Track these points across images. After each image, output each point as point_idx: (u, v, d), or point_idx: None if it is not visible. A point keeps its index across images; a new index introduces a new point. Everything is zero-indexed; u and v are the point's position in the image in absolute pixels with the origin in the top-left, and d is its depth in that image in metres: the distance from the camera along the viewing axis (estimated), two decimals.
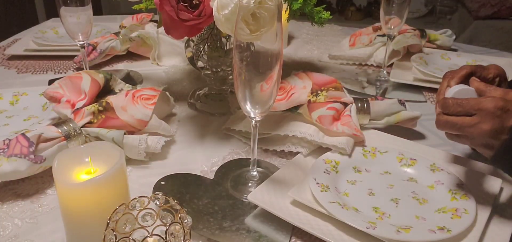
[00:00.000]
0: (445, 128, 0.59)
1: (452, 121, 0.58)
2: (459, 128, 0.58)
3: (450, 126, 0.58)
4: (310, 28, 1.52)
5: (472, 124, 0.56)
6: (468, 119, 0.57)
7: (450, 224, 0.57)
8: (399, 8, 0.99)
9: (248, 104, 0.60)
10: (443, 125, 0.59)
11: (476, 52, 1.27)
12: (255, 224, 0.61)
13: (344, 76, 1.12)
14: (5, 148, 0.67)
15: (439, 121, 0.59)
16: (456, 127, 0.58)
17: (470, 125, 0.56)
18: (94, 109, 0.74)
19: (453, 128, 0.58)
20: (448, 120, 0.58)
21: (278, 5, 0.55)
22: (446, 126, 0.59)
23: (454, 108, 0.58)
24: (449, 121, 0.58)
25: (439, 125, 0.60)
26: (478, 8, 2.66)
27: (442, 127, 0.59)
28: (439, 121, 0.59)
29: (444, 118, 0.59)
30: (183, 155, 0.78)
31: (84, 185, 0.52)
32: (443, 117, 0.59)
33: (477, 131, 0.56)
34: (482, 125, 0.56)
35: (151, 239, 0.46)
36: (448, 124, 0.58)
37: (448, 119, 0.58)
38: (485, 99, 0.56)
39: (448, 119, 0.58)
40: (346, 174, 0.69)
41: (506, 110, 0.55)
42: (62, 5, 0.88)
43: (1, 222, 0.62)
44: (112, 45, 1.16)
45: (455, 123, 0.57)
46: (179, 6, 0.70)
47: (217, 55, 0.87)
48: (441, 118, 0.59)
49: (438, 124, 0.60)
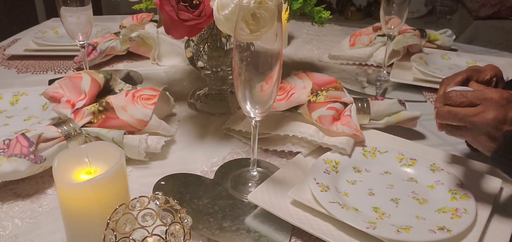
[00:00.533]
0: (447, 118, 0.58)
1: (455, 111, 0.57)
2: (461, 118, 0.57)
3: (452, 116, 0.58)
4: (310, 28, 1.52)
5: (476, 113, 0.56)
6: (472, 109, 0.56)
7: (450, 224, 0.57)
8: (399, 8, 0.99)
9: (248, 104, 0.60)
10: (445, 116, 0.58)
11: (476, 52, 1.27)
12: (255, 224, 0.61)
13: (344, 76, 1.12)
14: (5, 148, 0.67)
15: (440, 112, 0.59)
16: (458, 117, 0.57)
17: (473, 114, 0.56)
18: (94, 109, 0.74)
19: (454, 118, 0.58)
20: (451, 110, 0.58)
21: (278, 5, 0.55)
22: (449, 116, 0.58)
23: (458, 99, 0.58)
24: (451, 111, 0.58)
25: (440, 116, 0.59)
26: (478, 8, 2.66)
27: (443, 118, 0.59)
28: (441, 111, 0.59)
29: (446, 109, 0.58)
30: (183, 155, 0.78)
31: (84, 185, 0.52)
32: (445, 107, 0.58)
33: (480, 120, 0.56)
34: (485, 114, 0.55)
35: (151, 239, 0.46)
36: (451, 114, 0.58)
37: (451, 109, 0.58)
38: (490, 90, 0.57)
39: (451, 110, 0.58)
40: (346, 174, 0.69)
41: (510, 101, 0.55)
42: (62, 5, 0.88)
43: (1, 222, 0.62)
44: (112, 45, 1.16)
45: (458, 113, 0.57)
46: (179, 6, 0.70)
47: (217, 55, 0.87)
48: (442, 109, 0.59)
49: (439, 115, 0.59)
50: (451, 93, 0.59)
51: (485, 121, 0.56)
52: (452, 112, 0.58)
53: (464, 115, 0.57)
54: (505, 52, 1.32)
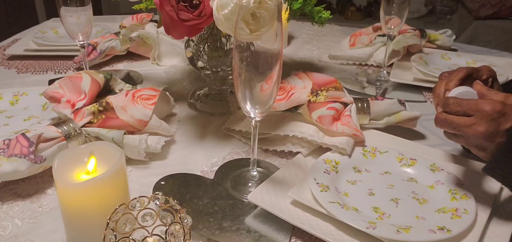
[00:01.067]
0: (443, 125, 0.60)
1: (450, 119, 0.59)
2: (456, 127, 0.58)
3: (447, 124, 0.59)
4: (310, 28, 1.52)
5: (468, 124, 0.57)
6: (465, 120, 0.57)
7: (450, 224, 0.57)
8: (399, 8, 0.99)
9: (248, 104, 0.60)
10: (442, 123, 0.60)
11: (476, 52, 1.27)
12: (255, 224, 0.61)
13: (344, 76, 1.12)
14: (5, 148, 0.67)
15: (438, 118, 0.60)
16: (452, 125, 0.59)
17: (466, 125, 0.57)
18: (94, 109, 0.74)
19: (450, 127, 0.59)
20: (447, 118, 0.59)
21: (278, 5, 0.55)
22: (444, 124, 0.60)
23: (454, 107, 0.59)
24: (447, 119, 0.59)
25: (437, 122, 0.61)
26: (478, 8, 2.66)
27: (440, 125, 0.60)
28: (438, 118, 0.60)
29: (443, 116, 0.60)
30: (183, 155, 0.78)
31: (84, 185, 0.52)
32: (442, 115, 0.60)
33: (472, 132, 0.57)
34: (477, 126, 0.56)
35: (151, 239, 0.46)
36: (446, 122, 0.59)
37: (447, 117, 0.59)
38: (484, 102, 0.57)
39: (447, 118, 0.59)
40: (346, 174, 0.69)
41: (503, 114, 0.56)
42: (62, 5, 0.88)
43: (1, 222, 0.62)
44: (112, 45, 1.16)
45: (452, 122, 0.58)
46: (179, 6, 0.70)
47: (217, 55, 0.87)
48: (440, 116, 0.60)
49: (437, 121, 0.61)
50: (449, 100, 0.60)
51: (477, 134, 0.57)
52: (448, 121, 0.59)
53: (458, 125, 0.58)
54: (505, 52, 1.32)
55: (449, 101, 0.59)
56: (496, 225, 0.59)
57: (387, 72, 1.10)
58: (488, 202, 0.62)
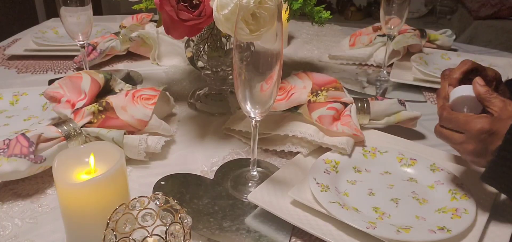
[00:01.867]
0: (439, 138, 0.62)
1: (444, 133, 0.61)
2: (448, 142, 0.61)
3: (443, 138, 0.62)
4: (310, 28, 1.52)
5: (459, 142, 0.59)
6: (456, 136, 0.59)
7: (450, 224, 0.57)
8: (399, 8, 0.99)
9: (248, 104, 0.60)
10: (438, 135, 0.62)
11: (476, 52, 1.27)
12: (255, 224, 0.61)
13: (344, 76, 1.12)
14: (5, 148, 0.67)
15: (435, 130, 0.63)
16: (446, 140, 0.61)
17: (457, 141, 0.59)
18: (94, 109, 0.74)
19: (444, 140, 0.61)
20: (442, 132, 0.61)
21: (278, 5, 0.55)
22: (440, 137, 0.62)
23: (446, 122, 0.61)
24: (442, 133, 0.61)
25: (435, 134, 0.63)
26: (478, 8, 2.66)
27: (437, 136, 0.63)
28: (435, 129, 0.63)
29: (439, 130, 0.62)
30: (183, 155, 0.78)
31: (84, 185, 0.52)
32: (439, 128, 0.62)
33: (461, 149, 0.59)
34: (466, 145, 0.58)
35: (151, 239, 0.46)
36: (442, 136, 0.62)
37: (442, 131, 0.61)
38: (473, 120, 0.57)
39: (442, 132, 0.61)
40: (346, 174, 0.69)
41: (492, 133, 0.55)
42: (62, 5, 0.88)
43: (1, 222, 0.62)
44: (112, 45, 1.16)
45: (446, 137, 0.61)
46: (179, 6, 0.70)
47: (217, 55, 0.87)
48: (437, 128, 0.62)
49: (435, 132, 0.63)
50: (442, 113, 0.61)
51: (466, 152, 0.58)
52: (443, 135, 0.61)
53: (450, 140, 0.60)
54: (505, 52, 1.32)
55: (442, 115, 0.61)
56: (496, 225, 0.59)
57: (387, 72, 1.10)
58: (488, 202, 0.62)
